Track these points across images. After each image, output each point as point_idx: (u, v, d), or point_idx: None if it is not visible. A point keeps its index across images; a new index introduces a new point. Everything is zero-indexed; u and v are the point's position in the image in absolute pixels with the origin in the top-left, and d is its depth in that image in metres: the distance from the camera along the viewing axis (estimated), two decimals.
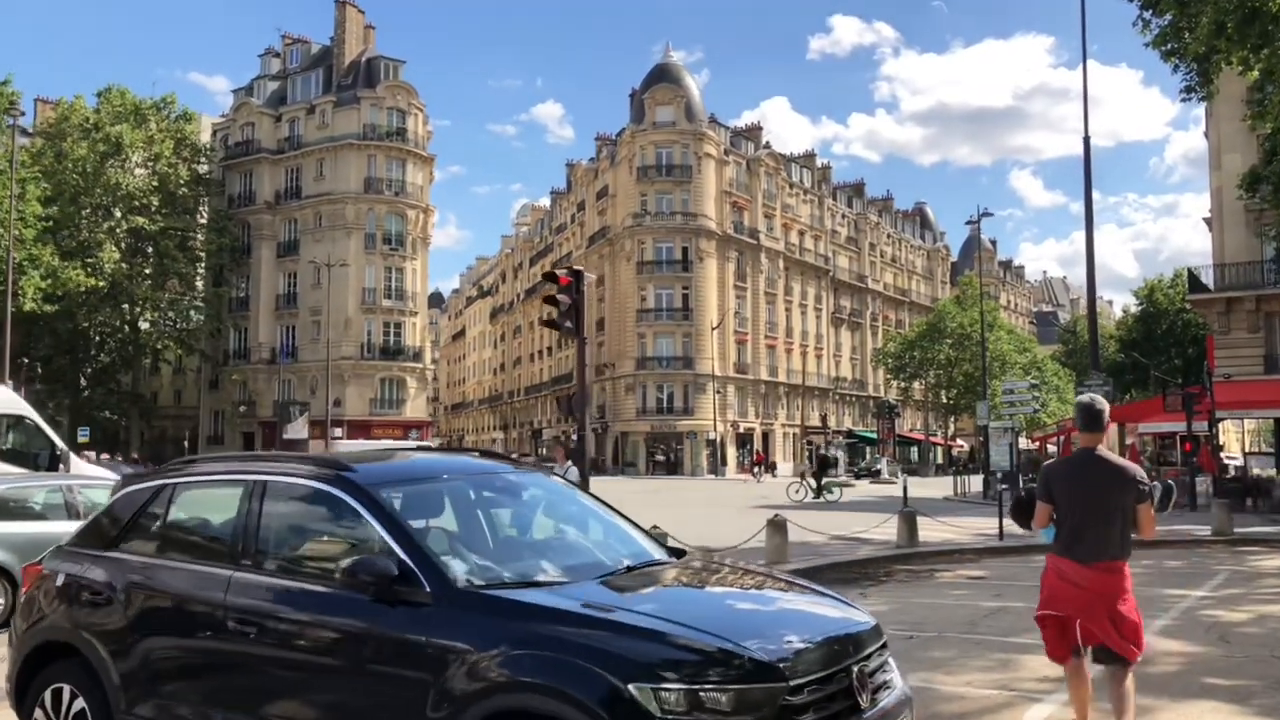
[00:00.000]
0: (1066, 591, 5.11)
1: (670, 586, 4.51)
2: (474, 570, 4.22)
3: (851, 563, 14.24)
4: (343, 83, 63.06)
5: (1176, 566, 14.20)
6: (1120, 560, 5.13)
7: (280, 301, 62.94)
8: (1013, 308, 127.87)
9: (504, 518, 4.99)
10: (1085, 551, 5.06)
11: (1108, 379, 18.49)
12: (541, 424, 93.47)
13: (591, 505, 5.38)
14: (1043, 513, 5.30)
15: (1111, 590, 5.05)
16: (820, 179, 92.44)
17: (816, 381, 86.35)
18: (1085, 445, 5.29)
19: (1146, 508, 5.13)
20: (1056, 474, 5.43)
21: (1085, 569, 5.05)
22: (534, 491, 5.26)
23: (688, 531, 20.30)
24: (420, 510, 4.54)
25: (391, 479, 4.66)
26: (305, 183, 62.62)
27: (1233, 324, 37.36)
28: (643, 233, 73.51)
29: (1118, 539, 5.11)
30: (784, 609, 4.33)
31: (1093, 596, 5.03)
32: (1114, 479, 5.11)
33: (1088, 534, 5.07)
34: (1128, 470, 5.19)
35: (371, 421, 60.21)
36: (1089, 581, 5.03)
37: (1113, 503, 5.08)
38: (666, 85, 74.80)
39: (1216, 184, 38.63)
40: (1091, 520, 5.07)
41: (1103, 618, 5.02)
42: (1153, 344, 65.86)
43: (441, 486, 4.84)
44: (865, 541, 17.29)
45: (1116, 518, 5.09)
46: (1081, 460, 5.27)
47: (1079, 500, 5.11)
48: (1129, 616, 5.07)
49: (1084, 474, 5.18)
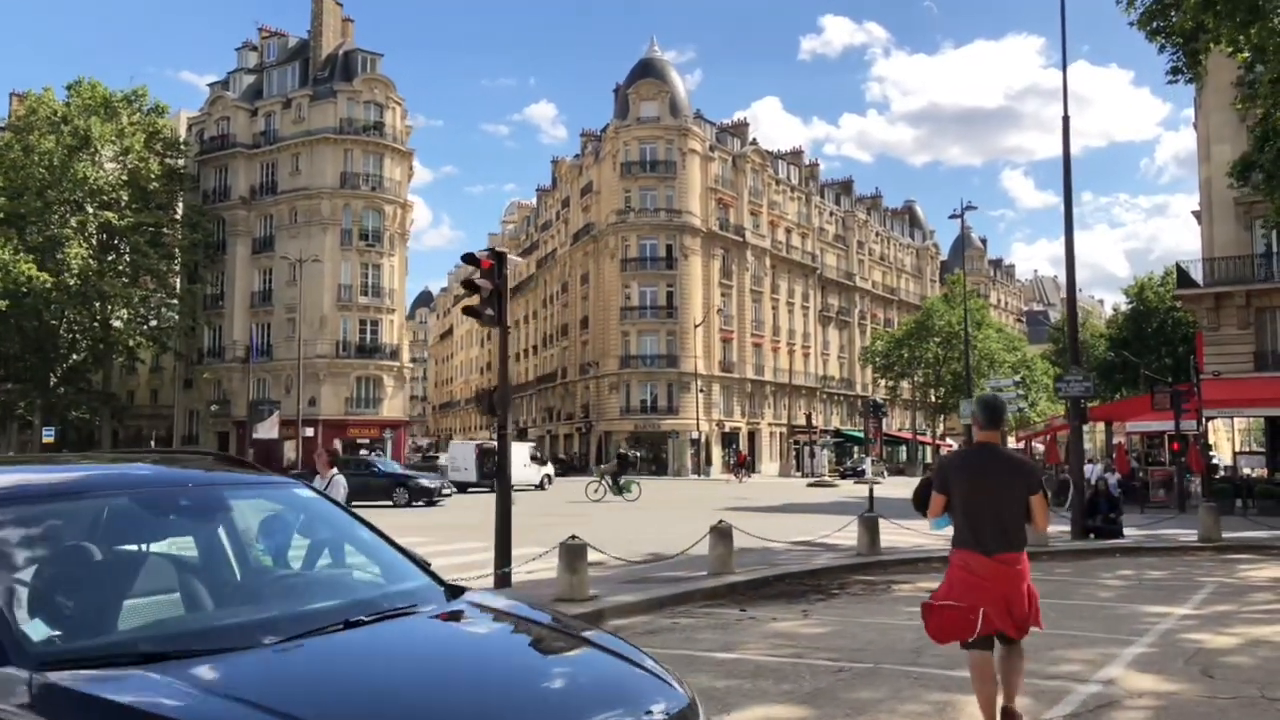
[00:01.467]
0: (969, 582, 5.20)
1: (377, 660, 3.03)
2: (68, 636, 2.90)
3: (804, 573, 13.14)
4: (319, 76, 61.83)
5: (1159, 578, 13.14)
6: (1017, 552, 5.26)
7: (256, 299, 61.69)
8: (1003, 306, 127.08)
9: (184, 553, 3.62)
10: (985, 543, 5.19)
11: (1089, 374, 17.48)
12: (526, 423, 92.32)
13: (342, 531, 4.05)
14: (936, 503, 5.42)
15: (1010, 580, 5.19)
16: (808, 176, 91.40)
17: (803, 380, 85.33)
18: (983, 440, 5.43)
19: (1040, 500, 5.31)
20: (954, 467, 5.50)
21: (987, 560, 5.18)
22: (247, 514, 3.87)
23: (641, 536, 19.34)
24: (25, 544, 3.18)
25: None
26: (281, 178, 61.39)
27: (1222, 320, 36.39)
28: (626, 229, 72.41)
29: (1015, 531, 5.26)
30: (519, 692, 2.93)
31: (992, 587, 5.14)
32: (1009, 473, 5.29)
33: (986, 526, 5.21)
34: (1022, 464, 5.45)
35: (348, 421, 59.03)
36: (989, 572, 5.16)
37: (1009, 496, 5.23)
38: (651, 80, 73.72)
39: (1205, 175, 37.66)
40: (989, 513, 5.21)
41: (1001, 607, 5.13)
42: (1143, 342, 65.08)
43: (74, 509, 3.44)
44: (827, 548, 16.22)
45: (1013, 510, 5.24)
46: (979, 454, 5.41)
47: (977, 493, 5.24)
48: (1024, 605, 5.23)
49: (981, 468, 5.32)
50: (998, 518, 5.21)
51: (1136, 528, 21.92)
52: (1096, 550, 15.76)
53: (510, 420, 12.77)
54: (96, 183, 54.01)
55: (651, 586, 11.76)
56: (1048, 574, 13.35)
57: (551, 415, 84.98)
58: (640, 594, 11.01)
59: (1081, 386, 17.76)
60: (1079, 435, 18.78)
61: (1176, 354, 62.55)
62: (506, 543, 12.04)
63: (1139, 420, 38.01)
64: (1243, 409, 34.76)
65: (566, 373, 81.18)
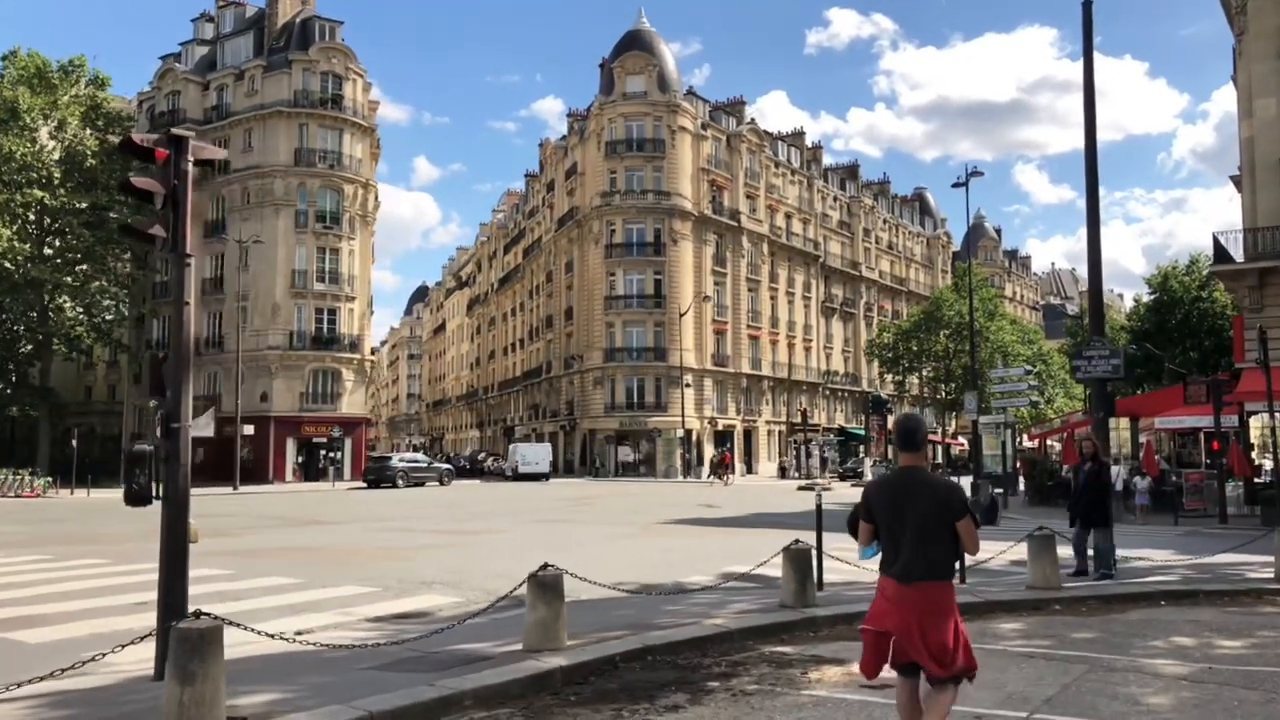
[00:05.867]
0: (883, 608, 5.05)
1: None
2: None
3: (683, 644, 8.41)
4: (274, 46, 57.39)
5: (1240, 654, 8.29)
6: (938, 580, 5.02)
7: (207, 286, 57.24)
8: (1018, 299, 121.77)
9: None
10: (902, 570, 5.00)
11: (1115, 346, 12.62)
12: (514, 421, 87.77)
13: None
14: (865, 531, 5.25)
15: (927, 609, 4.93)
16: (810, 159, 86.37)
17: (804, 376, 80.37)
18: (905, 464, 5.24)
19: (967, 524, 5.03)
20: (875, 492, 5.30)
21: (903, 587, 4.97)
22: None
23: (522, 564, 11.93)
24: None
25: None
26: (233, 155, 56.76)
27: (1266, 300, 31.41)
28: (611, 213, 67.63)
29: (937, 558, 5.03)
30: None
31: (908, 614, 4.92)
32: (931, 497, 5.05)
33: (904, 552, 5.01)
34: (946, 487, 5.15)
35: (302, 418, 54.54)
36: (906, 599, 4.95)
37: (930, 522, 5.01)
38: (637, 53, 68.91)
39: (1247, 134, 32.65)
40: (908, 539, 5.01)
41: (915, 636, 4.89)
42: (1166, 335, 59.98)
43: None
44: (755, 588, 11.52)
45: (935, 537, 5.01)
46: (899, 479, 5.20)
47: (896, 519, 5.07)
48: (942, 637, 4.91)
49: (901, 493, 5.11)
50: (918, 544, 4.96)
51: (1174, 551, 17.08)
52: (1130, 597, 10.93)
53: (187, 404, 8.07)
54: (24, 159, 49.58)
55: (401, 682, 7.08)
56: (1060, 643, 8.58)
57: (538, 413, 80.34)
58: (351, 711, 6.30)
59: (1107, 365, 12.97)
60: (1105, 428, 13.97)
61: (1203, 347, 57.76)
62: (174, 595, 7.34)
63: (1170, 415, 33.13)
64: None
65: (551, 367, 76.53)
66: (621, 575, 13.65)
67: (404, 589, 12.29)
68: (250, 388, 54.26)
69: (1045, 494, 35.47)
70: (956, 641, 4.94)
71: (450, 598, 11.49)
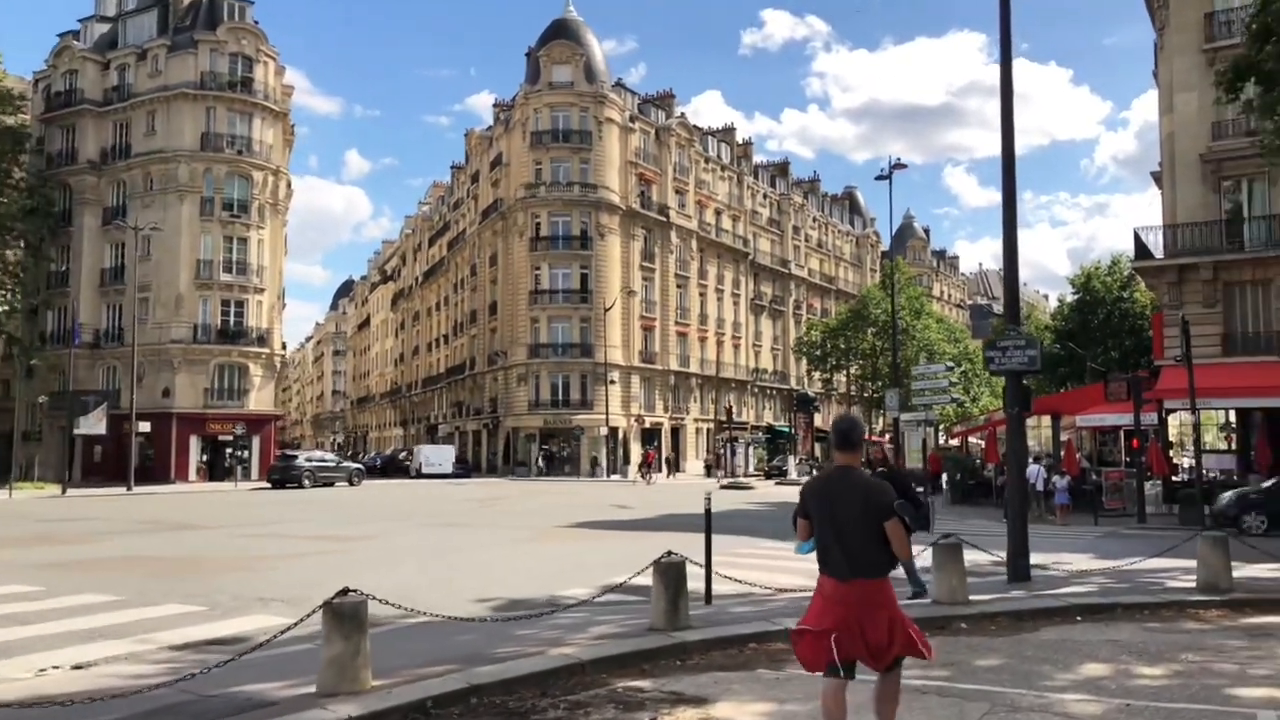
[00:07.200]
0: (823, 607, 5.06)
1: None
2: None
3: (512, 683, 7.01)
4: (179, 25, 54.63)
5: (1161, 685, 7.23)
6: (874, 578, 5.04)
7: (106, 276, 54.38)
8: (946, 298, 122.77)
9: None
10: (839, 568, 5.03)
11: (1031, 337, 11.55)
12: (438, 419, 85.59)
13: None
14: (802, 527, 5.29)
15: (865, 606, 4.97)
16: (740, 155, 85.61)
17: (733, 373, 79.59)
18: (840, 464, 5.26)
19: (895, 526, 5.00)
20: (810, 492, 5.30)
21: (841, 585, 5.01)
22: None
23: (360, 581, 10.77)
24: None
25: None
26: (135, 139, 54.10)
27: (1185, 296, 31.13)
28: (537, 205, 65.97)
29: (871, 556, 5.03)
30: None
31: (846, 612, 4.96)
32: (862, 497, 5.04)
33: (839, 551, 5.04)
34: (876, 488, 5.12)
35: (207, 415, 51.96)
36: (844, 597, 4.98)
37: (863, 521, 5.01)
38: (564, 43, 67.35)
39: (1168, 129, 32.41)
40: (842, 538, 5.04)
41: (856, 634, 4.94)
42: (1088, 334, 60.59)
43: None
44: (636, 600, 10.22)
45: (867, 536, 5.02)
46: (834, 478, 5.21)
47: (829, 518, 5.09)
48: (879, 637, 4.96)
49: (833, 491, 5.13)
50: (850, 543, 5.02)
51: (1093, 555, 16.23)
52: (1044, 612, 9.86)
53: None
54: None
55: None
56: (961, 673, 7.41)
57: (461, 410, 78.31)
58: None
59: (1023, 356, 11.93)
60: (1019, 426, 12.96)
61: (1124, 346, 58.32)
62: None
63: (1090, 413, 32.78)
64: (1210, 400, 29.37)
65: (475, 363, 74.58)
66: (493, 588, 12.28)
67: (235, 607, 10.77)
68: (152, 383, 51.64)
69: (968, 493, 34.91)
70: (892, 636, 4.97)
71: (282, 619, 9.98)
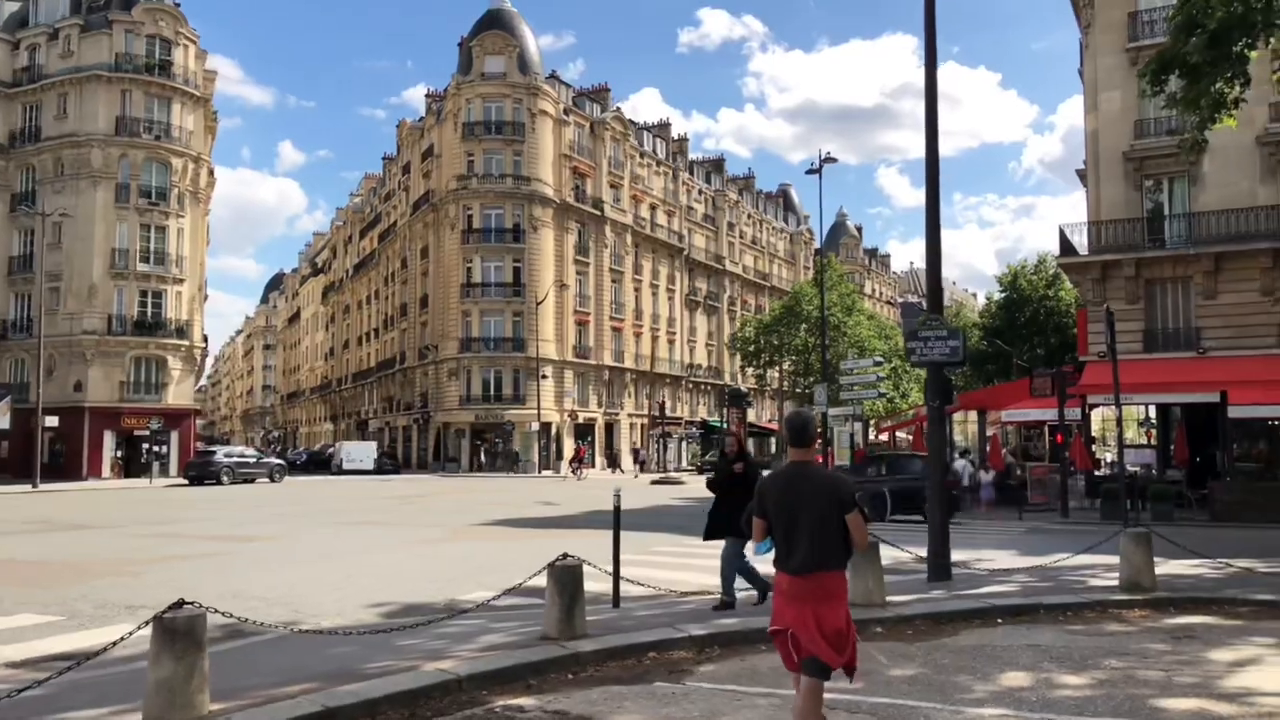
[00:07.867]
0: (783, 605, 5.00)
1: None
2: None
3: (377, 703, 6.34)
4: (93, 4, 52.49)
5: (1083, 695, 6.84)
6: (831, 571, 4.96)
7: (15, 264, 52.08)
8: (877, 296, 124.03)
9: None
10: (798, 564, 4.95)
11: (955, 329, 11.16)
12: (368, 414, 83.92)
13: None
14: (759, 527, 5.19)
15: (822, 597, 4.88)
16: (675, 151, 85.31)
17: (668, 368, 79.28)
18: (795, 459, 5.15)
19: (855, 518, 4.97)
20: (767, 488, 5.21)
21: (798, 580, 4.94)
22: None
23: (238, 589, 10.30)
24: None
25: None
26: (45, 122, 51.85)
27: (1109, 292, 31.43)
28: (469, 197, 64.84)
29: (830, 550, 4.96)
30: None
31: (804, 606, 4.88)
32: (821, 492, 4.99)
33: (799, 546, 4.97)
34: (835, 481, 5.09)
35: (122, 409, 50.01)
36: (801, 592, 4.92)
37: (821, 515, 4.95)
38: (497, 33, 66.28)
39: (1093, 127, 32.69)
40: (801, 534, 4.97)
41: (812, 628, 4.83)
42: (1015, 332, 61.62)
43: None
44: (538, 605, 9.59)
45: (827, 530, 4.94)
46: (790, 474, 5.12)
47: (788, 513, 5.01)
48: (836, 625, 4.86)
49: (792, 487, 5.05)
50: (810, 539, 4.93)
51: (1017, 551, 16.04)
52: (964, 615, 9.50)
53: None
54: None
55: None
56: (871, 686, 6.93)
57: (392, 405, 76.82)
58: None
59: (945, 346, 11.57)
60: (940, 418, 12.62)
61: (1049, 343, 59.28)
62: None
63: (1016, 408, 32.93)
64: (1132, 395, 29.65)
65: (406, 358, 73.20)
66: (389, 592, 11.60)
67: (97, 617, 9.93)
68: (64, 376, 49.62)
69: None
70: (849, 627, 4.89)
71: (149, 630, 9.19)
